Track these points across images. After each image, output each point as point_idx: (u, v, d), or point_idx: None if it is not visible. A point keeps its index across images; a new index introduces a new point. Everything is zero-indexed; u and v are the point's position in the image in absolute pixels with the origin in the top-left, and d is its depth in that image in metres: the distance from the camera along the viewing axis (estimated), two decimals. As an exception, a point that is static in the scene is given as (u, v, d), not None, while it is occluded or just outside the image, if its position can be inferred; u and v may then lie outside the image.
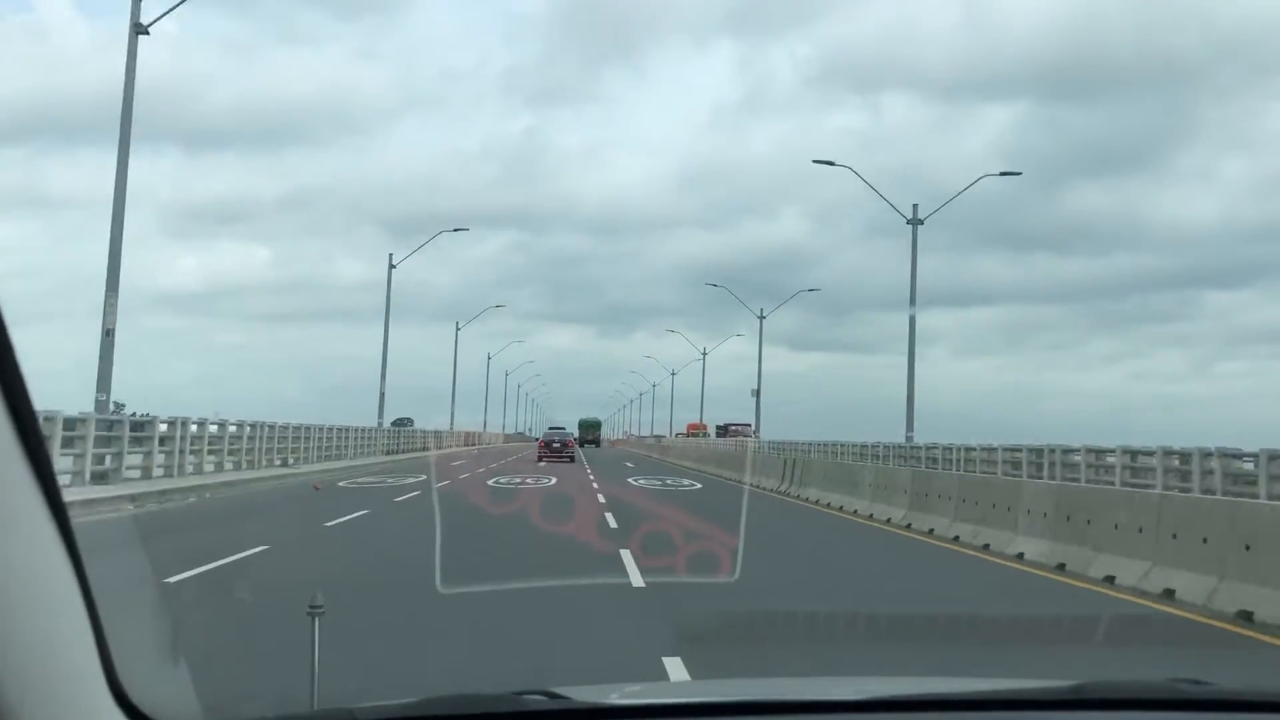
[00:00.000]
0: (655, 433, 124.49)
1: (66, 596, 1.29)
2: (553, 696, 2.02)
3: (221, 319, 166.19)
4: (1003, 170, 41.20)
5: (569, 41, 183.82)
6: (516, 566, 12.01)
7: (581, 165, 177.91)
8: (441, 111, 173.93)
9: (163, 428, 25.44)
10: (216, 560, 11.97)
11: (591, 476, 35.42)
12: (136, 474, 23.50)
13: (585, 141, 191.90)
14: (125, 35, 25.05)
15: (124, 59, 25.16)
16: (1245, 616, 10.15)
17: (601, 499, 24.05)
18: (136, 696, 1.51)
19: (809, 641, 8.67)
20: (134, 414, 26.03)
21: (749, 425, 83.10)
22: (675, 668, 6.95)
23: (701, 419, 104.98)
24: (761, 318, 66.70)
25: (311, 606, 2.91)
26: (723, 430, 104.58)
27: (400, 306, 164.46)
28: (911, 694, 2.13)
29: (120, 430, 22.97)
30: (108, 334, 24.13)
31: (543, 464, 46.40)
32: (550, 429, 62.93)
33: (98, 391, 23.71)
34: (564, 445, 53.69)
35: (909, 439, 38.52)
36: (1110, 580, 12.61)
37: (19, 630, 1.10)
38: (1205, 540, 11.32)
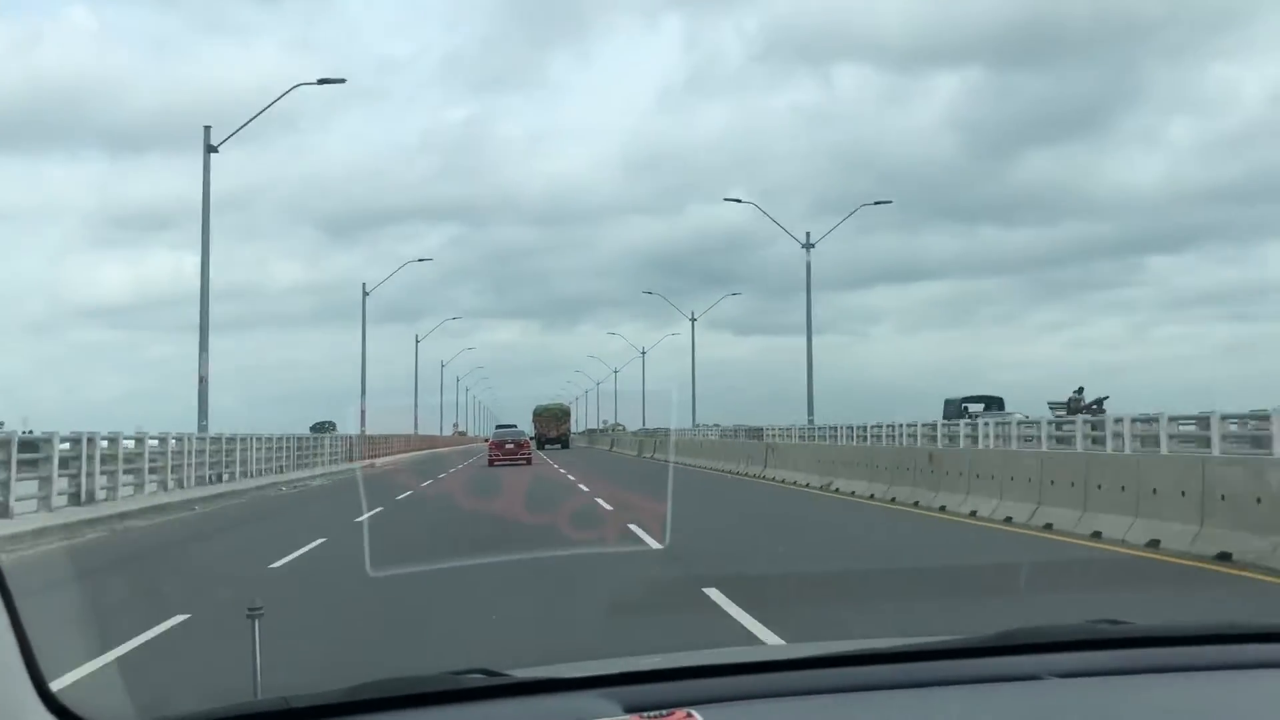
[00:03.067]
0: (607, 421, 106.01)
1: None
2: (490, 674, 2.07)
3: (152, 330, 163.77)
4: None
5: (512, 24, 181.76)
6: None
7: (525, 154, 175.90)
8: (380, 102, 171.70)
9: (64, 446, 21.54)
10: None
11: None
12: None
13: (529, 129, 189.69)
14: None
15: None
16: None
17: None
18: (65, 696, 1.55)
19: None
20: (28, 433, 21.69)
21: None
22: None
23: (644, 419, 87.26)
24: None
25: (250, 609, 2.94)
26: None
27: (336, 307, 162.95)
28: (839, 651, 2.22)
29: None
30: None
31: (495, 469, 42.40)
32: (499, 427, 57.43)
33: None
34: (518, 446, 48.70)
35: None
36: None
37: None
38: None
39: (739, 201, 50.54)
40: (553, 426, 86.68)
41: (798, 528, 18.05)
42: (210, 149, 31.99)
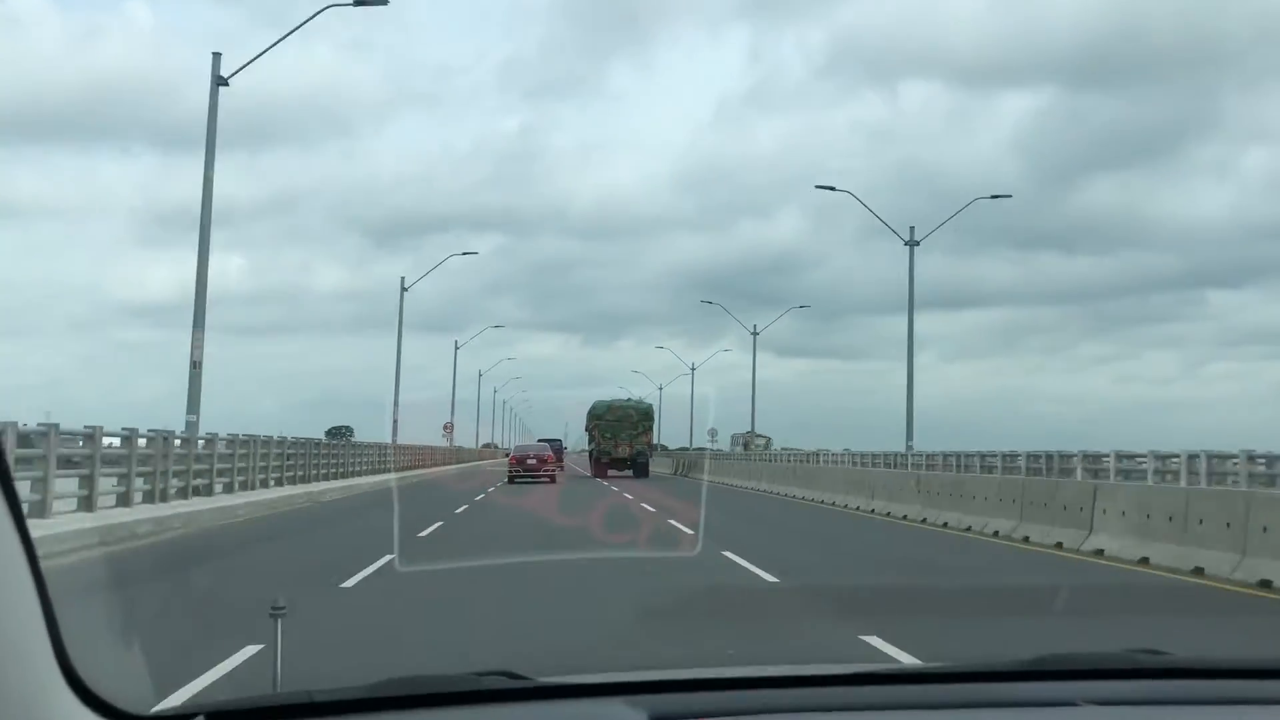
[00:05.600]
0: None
1: (16, 581, 1.35)
2: (513, 677, 2.09)
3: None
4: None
5: (574, 31, 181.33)
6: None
7: (577, 164, 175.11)
8: (434, 108, 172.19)
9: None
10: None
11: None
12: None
13: (583, 139, 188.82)
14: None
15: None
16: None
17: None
18: (90, 678, 1.57)
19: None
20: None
21: None
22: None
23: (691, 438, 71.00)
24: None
25: (274, 608, 2.97)
26: None
27: (378, 316, 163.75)
28: (872, 670, 2.22)
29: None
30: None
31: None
32: (541, 441, 58.70)
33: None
34: (540, 461, 45.98)
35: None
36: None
37: None
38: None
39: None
40: (623, 439, 56.07)
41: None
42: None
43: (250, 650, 7.46)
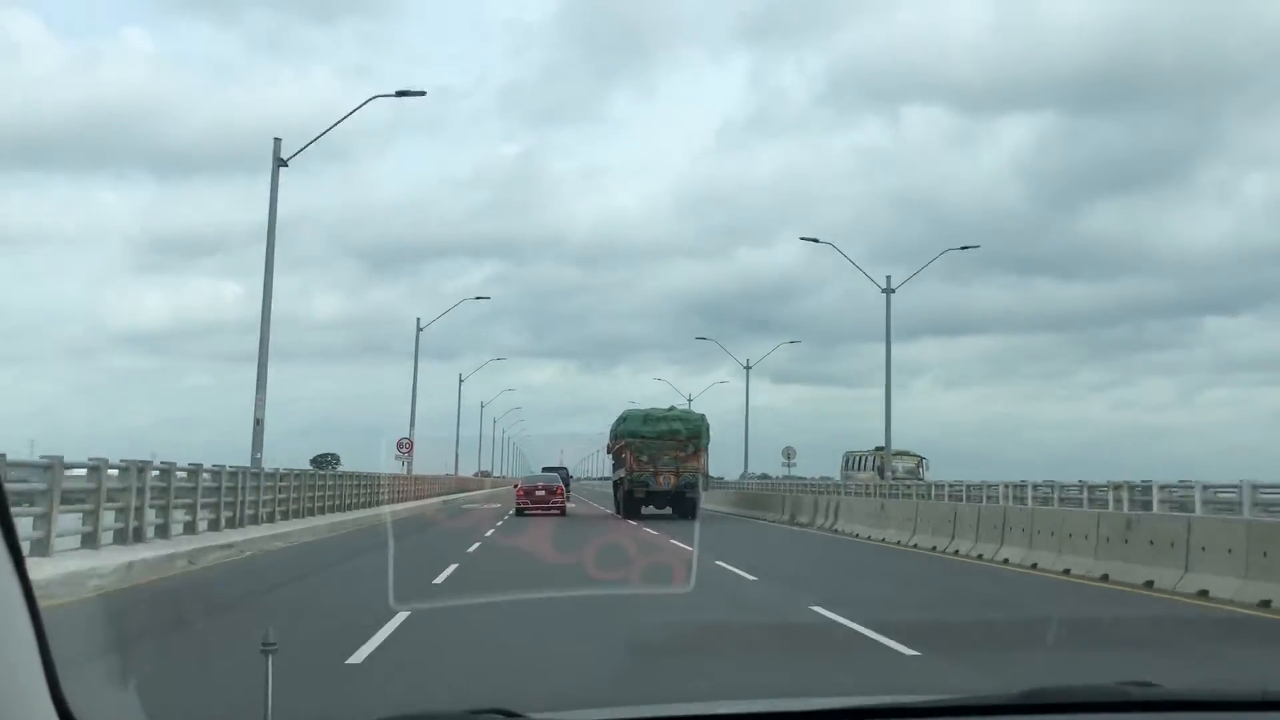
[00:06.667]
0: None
1: (11, 616, 1.35)
2: (509, 715, 2.10)
3: (189, 359, 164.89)
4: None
5: (576, 55, 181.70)
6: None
7: (576, 191, 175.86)
8: (435, 133, 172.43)
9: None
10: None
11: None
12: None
13: (582, 165, 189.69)
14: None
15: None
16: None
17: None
18: (80, 711, 1.58)
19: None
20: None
21: None
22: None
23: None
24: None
25: (265, 644, 2.96)
26: None
27: (374, 342, 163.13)
28: (864, 704, 2.23)
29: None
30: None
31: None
32: (546, 470, 60.38)
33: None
34: (550, 492, 43.99)
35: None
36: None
37: None
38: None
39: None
40: (665, 465, 41.17)
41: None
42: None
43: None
